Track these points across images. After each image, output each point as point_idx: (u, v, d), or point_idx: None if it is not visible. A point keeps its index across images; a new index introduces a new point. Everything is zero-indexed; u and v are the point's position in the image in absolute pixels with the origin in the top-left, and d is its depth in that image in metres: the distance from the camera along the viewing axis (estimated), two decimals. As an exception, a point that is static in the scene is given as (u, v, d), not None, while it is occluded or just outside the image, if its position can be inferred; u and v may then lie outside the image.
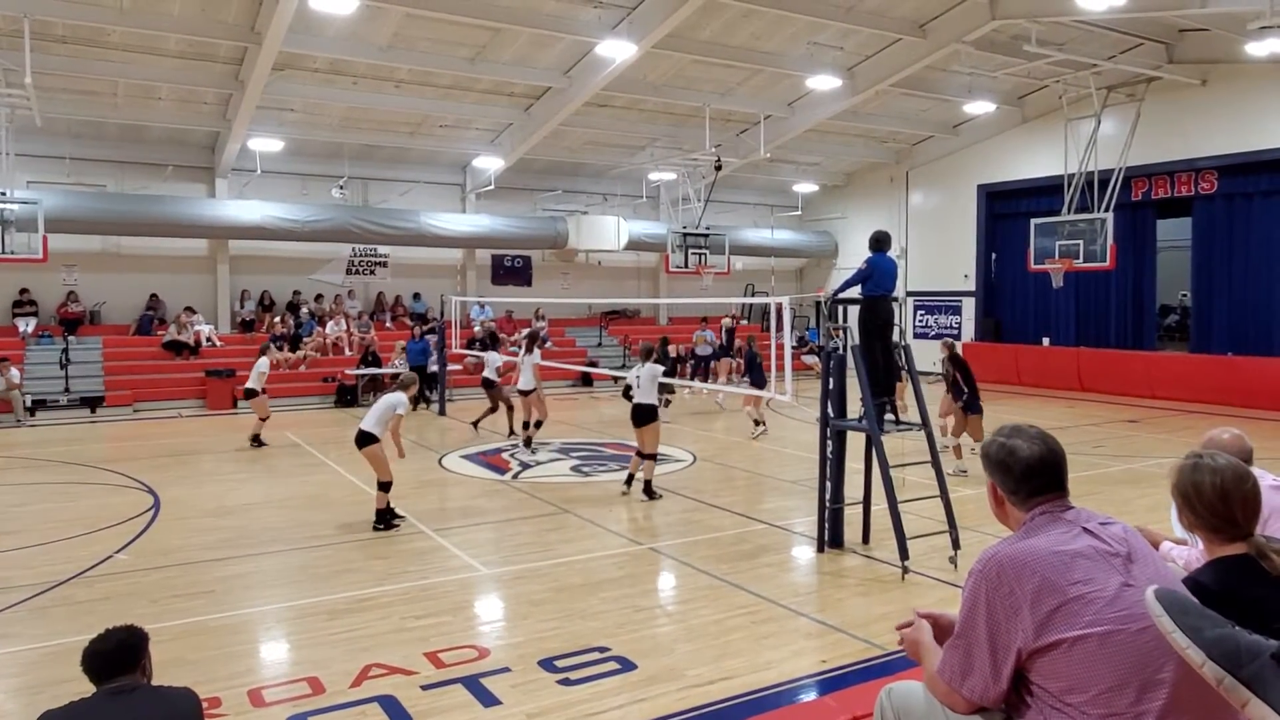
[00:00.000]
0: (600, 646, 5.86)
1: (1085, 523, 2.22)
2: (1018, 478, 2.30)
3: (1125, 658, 2.02)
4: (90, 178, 19.54)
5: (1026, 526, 2.27)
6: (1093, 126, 19.20)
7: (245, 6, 14.73)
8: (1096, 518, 2.26)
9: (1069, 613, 2.06)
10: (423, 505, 10.09)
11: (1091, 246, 18.66)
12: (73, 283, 19.82)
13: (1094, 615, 2.05)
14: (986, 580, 2.17)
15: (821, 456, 8.15)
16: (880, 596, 6.95)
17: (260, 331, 20.79)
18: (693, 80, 19.47)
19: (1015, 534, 2.29)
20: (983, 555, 2.24)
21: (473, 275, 24.21)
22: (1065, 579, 2.09)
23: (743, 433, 14.96)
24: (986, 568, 2.19)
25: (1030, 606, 2.08)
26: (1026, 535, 2.24)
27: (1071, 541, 2.16)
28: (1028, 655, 2.10)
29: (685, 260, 22.55)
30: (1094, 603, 2.06)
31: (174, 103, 18.50)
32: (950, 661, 2.24)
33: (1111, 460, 12.41)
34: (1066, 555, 2.13)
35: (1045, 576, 2.09)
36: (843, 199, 28.03)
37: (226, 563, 7.84)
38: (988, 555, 2.22)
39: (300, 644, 6.06)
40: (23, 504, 10.38)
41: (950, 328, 24.60)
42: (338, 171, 21.48)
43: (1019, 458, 2.30)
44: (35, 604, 6.80)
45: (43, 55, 14.86)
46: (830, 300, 8.35)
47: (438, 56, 17.17)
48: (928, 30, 17.37)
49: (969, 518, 8.84)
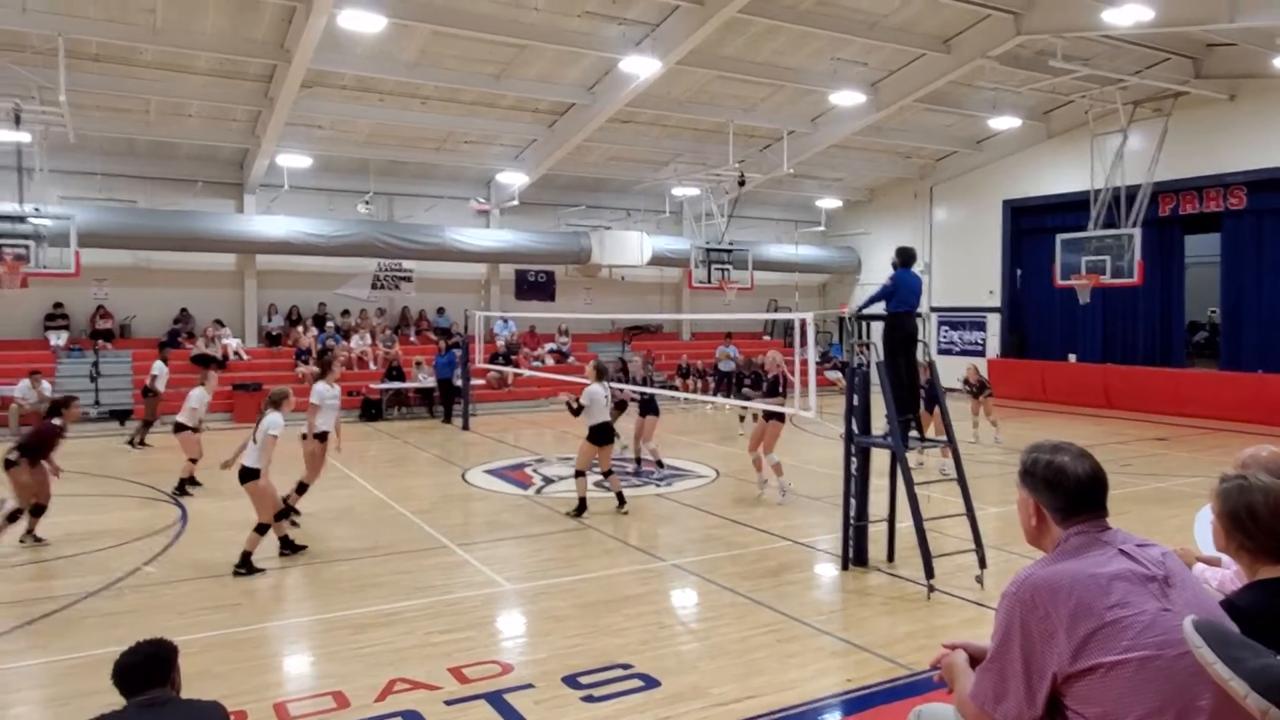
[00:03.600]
0: (624, 663, 5.84)
1: (1122, 544, 2.18)
2: (1067, 496, 2.25)
3: (1163, 684, 1.99)
4: (122, 193, 19.87)
5: (1061, 548, 2.22)
6: (1119, 142, 19.06)
7: (275, 25, 14.97)
8: (1134, 539, 2.22)
9: (1106, 637, 2.02)
10: (446, 520, 10.12)
11: (1119, 262, 18.48)
12: (104, 297, 20.13)
13: (1131, 640, 2.01)
14: (1021, 603, 2.14)
15: (846, 473, 8.10)
16: (906, 615, 6.88)
17: (286, 345, 21.00)
18: (716, 96, 19.53)
19: (1050, 555, 2.25)
20: (1016, 577, 2.20)
21: (496, 290, 24.34)
22: (1102, 602, 2.05)
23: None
24: (1020, 590, 2.15)
25: (1066, 630, 2.05)
26: (1062, 557, 2.20)
27: (1108, 564, 2.13)
28: (1063, 680, 2.07)
29: (708, 276, 22.54)
30: (1131, 627, 2.03)
31: (204, 120, 18.80)
32: (984, 684, 2.21)
33: (1140, 479, 12.24)
34: (1103, 578, 2.09)
35: (1081, 599, 2.06)
36: (866, 214, 27.96)
37: (252, 576, 7.89)
38: (1022, 577, 2.19)
39: (325, 658, 6.08)
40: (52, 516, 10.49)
41: (975, 344, 24.43)
42: (364, 187, 21.70)
43: (1069, 476, 2.25)
44: (65, 615, 6.87)
45: (77, 73, 15.15)
46: (854, 316, 8.32)
47: (463, 73, 17.35)
48: (952, 46, 17.33)
49: (995, 536, 8.75)
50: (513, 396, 21.57)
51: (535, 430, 17.84)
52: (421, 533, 9.47)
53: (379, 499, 11.05)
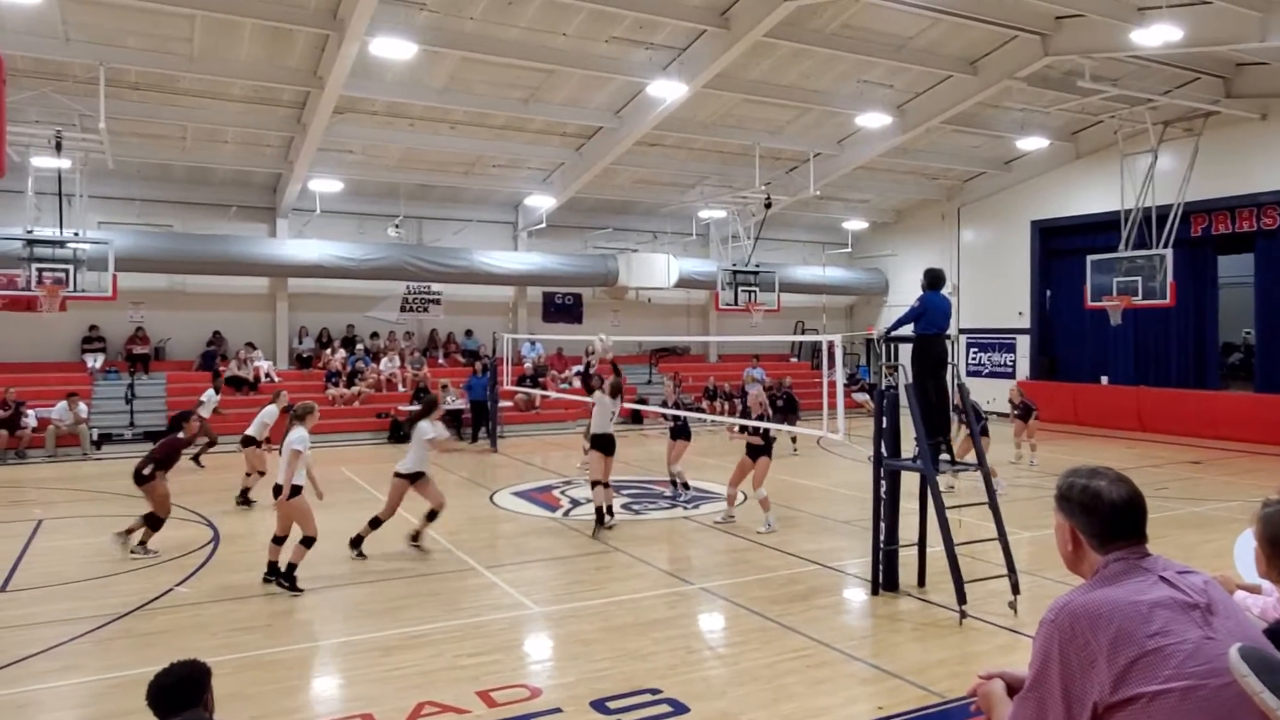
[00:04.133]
0: (652, 688, 5.80)
1: (1163, 571, 2.14)
2: (1103, 521, 2.22)
3: (1207, 714, 1.95)
4: (158, 218, 20.27)
5: (1101, 574, 2.19)
6: (1149, 162, 18.89)
7: (308, 53, 15.26)
8: (1174, 566, 2.18)
9: (1148, 666, 1.99)
10: (474, 542, 10.15)
11: (1150, 283, 18.26)
12: (140, 319, 20.48)
13: (1174, 669, 1.97)
14: (1059, 631, 2.10)
15: (875, 496, 8.04)
16: (938, 642, 6.79)
17: (317, 367, 21.22)
18: (742, 119, 19.62)
19: (1089, 582, 2.21)
20: (1054, 604, 2.17)
21: (524, 313, 24.49)
22: (1143, 630, 2.01)
23: (791, 470, 14.79)
24: (1059, 618, 2.12)
25: (1107, 659, 2.01)
26: (1101, 583, 2.16)
27: (1149, 591, 2.09)
28: (1103, 710, 2.03)
29: (735, 298, 22.54)
30: (1174, 656, 1.99)
31: (239, 145, 19.17)
32: (1022, 714, 2.17)
33: (1175, 503, 12.03)
34: (1144, 605, 2.05)
35: (1122, 627, 2.02)
36: (893, 236, 27.86)
37: (283, 597, 7.95)
38: (1060, 604, 2.15)
39: (354, 680, 6.10)
40: (87, 536, 10.66)
41: (1004, 366, 24.19)
42: (394, 211, 21.98)
43: (1105, 500, 2.22)
44: (99, 635, 6.96)
45: (116, 101, 15.52)
46: (882, 339, 8.28)
47: (492, 98, 17.57)
48: (979, 67, 17.31)
49: (1029, 561, 8.62)
50: (540, 419, 21.63)
51: (563, 452, 17.86)
52: (449, 555, 9.50)
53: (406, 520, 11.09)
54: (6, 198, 17.66)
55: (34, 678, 6.09)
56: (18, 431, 16.84)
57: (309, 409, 8.46)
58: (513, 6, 14.32)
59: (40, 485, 14.18)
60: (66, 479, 14.67)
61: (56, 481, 14.45)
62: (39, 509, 12.20)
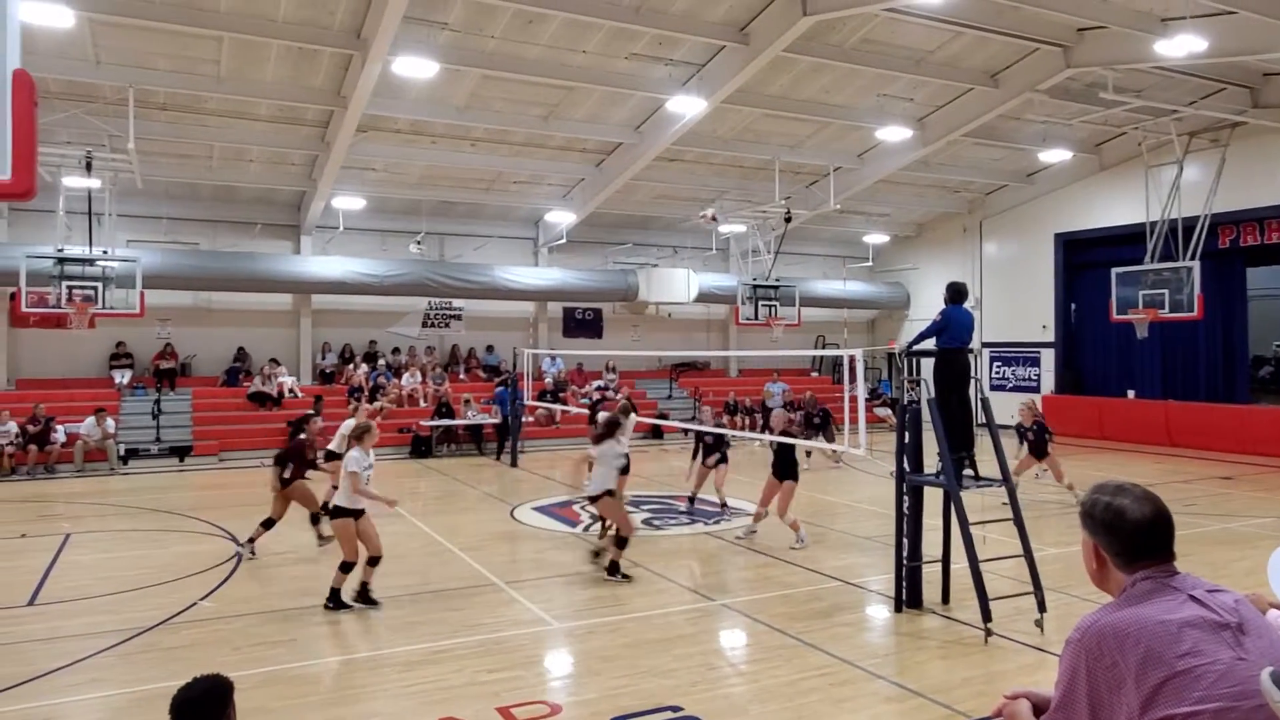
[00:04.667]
0: (673, 706, 5.76)
1: (1192, 590, 2.10)
2: (1126, 540, 2.18)
3: (1239, 738, 1.91)
4: (185, 236, 20.55)
5: (1128, 593, 2.14)
6: (1175, 173, 18.71)
7: (332, 73, 15.46)
8: (1204, 585, 2.13)
9: (1178, 687, 1.94)
10: (494, 557, 10.15)
11: (1177, 296, 18.05)
12: (166, 336, 20.74)
13: (1205, 691, 1.93)
14: (1086, 650, 2.06)
15: (898, 512, 7.96)
16: (962, 660, 6.71)
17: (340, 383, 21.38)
18: (762, 134, 19.64)
19: (1116, 601, 2.17)
20: (1081, 623, 2.13)
21: (544, 328, 24.57)
22: (1173, 651, 1.97)
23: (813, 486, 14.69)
24: (1086, 637, 2.08)
25: (1135, 680, 1.97)
26: (1129, 602, 2.12)
27: (1178, 610, 2.05)
28: (1132, 731, 1.99)
29: (755, 312, 22.49)
30: (1204, 677, 1.94)
31: (264, 164, 19.43)
32: (1049, 735, 2.13)
33: (1205, 520, 11.83)
34: (1173, 625, 2.01)
35: (1151, 647, 1.98)
36: (914, 249, 27.74)
37: (305, 612, 7.98)
38: (1087, 624, 2.11)
39: (375, 695, 6.11)
40: (113, 551, 10.77)
41: (1029, 380, 23.97)
42: (415, 227, 22.17)
43: (1128, 519, 2.17)
44: (123, 649, 7.01)
45: (145, 122, 15.77)
46: (904, 353, 8.23)
47: (512, 115, 17.71)
48: (1000, 80, 17.25)
49: (1055, 579, 8.50)
50: (560, 434, 21.64)
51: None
52: (470, 570, 9.51)
53: (428, 535, 11.13)
54: (38, 217, 18.00)
55: (60, 691, 6.15)
56: (47, 446, 17.06)
57: (366, 428, 8.48)
58: (533, 25, 14.44)
59: (68, 500, 14.35)
60: (94, 493, 14.84)
61: (84, 496, 14.62)
62: (67, 523, 12.34)
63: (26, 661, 6.66)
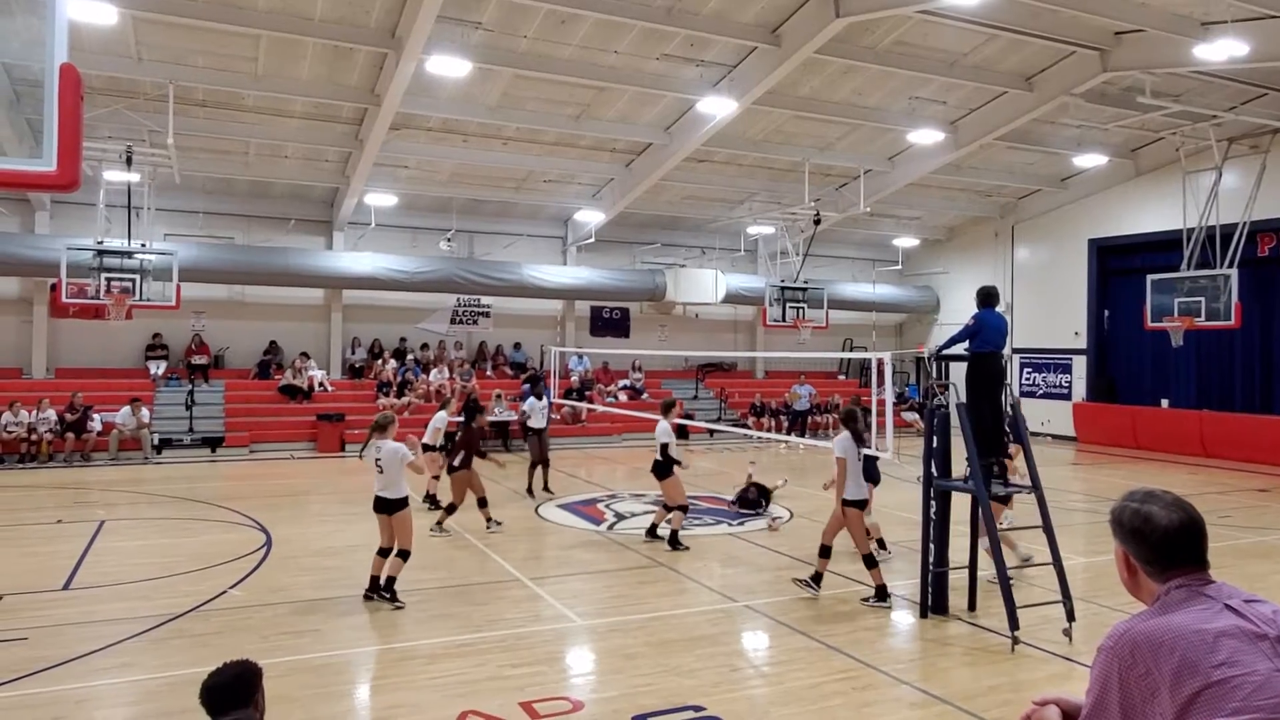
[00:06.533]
0: (695, 705, 5.77)
1: (1229, 599, 2.05)
2: (1154, 547, 2.14)
3: (1275, 749, 1.87)
4: (221, 230, 20.86)
5: (1162, 601, 2.10)
6: (1213, 179, 18.40)
7: (367, 71, 15.62)
8: (1240, 594, 2.09)
9: (1213, 698, 1.90)
10: (518, 554, 10.21)
11: (1214, 304, 17.76)
12: (200, 328, 21.05)
13: (1241, 702, 1.89)
14: (1119, 659, 2.03)
15: (925, 518, 7.91)
16: (988, 668, 6.65)
17: (368, 377, 21.57)
18: (792, 135, 19.57)
19: (1150, 609, 2.13)
20: (1114, 631, 2.10)
21: (572, 326, 24.64)
22: (1208, 660, 1.93)
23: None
24: (1119, 645, 2.04)
25: (1170, 689, 1.93)
26: (1163, 611, 2.08)
27: (1214, 619, 2.00)
28: (1166, 742, 1.95)
29: (783, 314, 22.42)
30: (1241, 688, 1.90)
31: (299, 161, 19.66)
32: (1080, 744, 2.11)
33: (1241, 532, 11.63)
34: (1209, 634, 1.97)
35: (1185, 656, 1.94)
36: (945, 254, 27.50)
37: (332, 603, 8.07)
38: (1120, 631, 2.08)
39: (400, 687, 6.16)
40: (146, 538, 10.96)
41: (1060, 387, 23.69)
42: (446, 225, 22.33)
43: (1156, 526, 2.14)
44: (155, 635, 7.13)
45: (184, 118, 16.04)
46: (934, 356, 8.18)
47: (544, 115, 17.79)
48: (1035, 83, 17.05)
49: (1084, 588, 8.41)
50: (586, 432, 21.70)
51: (608, 466, 17.90)
52: (494, 565, 9.57)
53: (453, 531, 11.19)
54: (79, 210, 18.35)
55: (93, 674, 6.27)
56: (84, 435, 17.38)
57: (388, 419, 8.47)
58: (565, 25, 14.50)
59: (103, 487, 14.61)
60: (128, 482, 15.09)
61: (119, 484, 14.88)
62: (102, 510, 12.56)
63: (61, 644, 6.79)
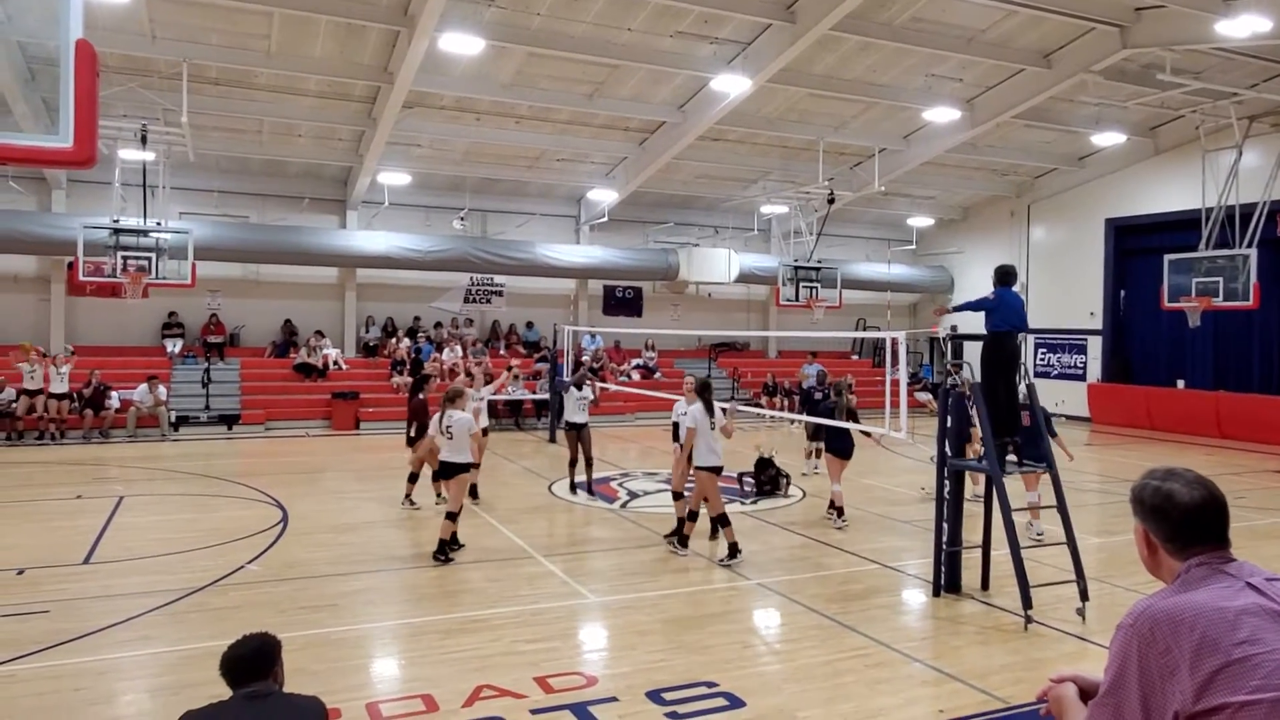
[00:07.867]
0: (708, 681, 5.81)
1: (1250, 577, 2.04)
2: (1175, 525, 2.13)
3: (1297, 727, 1.87)
4: (235, 209, 20.92)
5: (1182, 579, 2.09)
6: (1233, 158, 18.16)
7: (380, 49, 15.57)
8: (1262, 573, 2.08)
9: (1233, 676, 1.90)
10: (532, 531, 10.27)
11: (1232, 284, 17.60)
12: (216, 307, 21.16)
13: (1262, 680, 1.88)
14: (1139, 636, 2.02)
15: (938, 497, 7.91)
16: (1001, 647, 6.66)
17: (382, 355, 21.67)
18: (806, 114, 19.42)
19: (1170, 587, 2.12)
20: (1134, 608, 2.09)
21: (585, 305, 24.64)
22: (1229, 638, 1.92)
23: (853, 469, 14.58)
24: (1139, 622, 2.04)
25: (1189, 667, 1.93)
26: (1183, 588, 2.07)
27: (1235, 598, 2.00)
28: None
29: (796, 294, 22.35)
30: (1262, 666, 1.90)
31: (312, 139, 19.66)
32: (1098, 721, 2.10)
33: (1257, 514, 11.57)
34: (1230, 612, 1.96)
35: (1206, 634, 1.94)
36: (960, 233, 27.31)
37: (348, 578, 8.16)
38: (1140, 609, 2.07)
39: (415, 661, 6.23)
40: (165, 514, 11.09)
41: (1075, 367, 23.55)
42: (459, 204, 22.32)
43: (1177, 503, 2.13)
44: (174, 609, 7.22)
45: (198, 96, 16.04)
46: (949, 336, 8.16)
47: (557, 93, 17.70)
48: (1053, 60, 16.84)
49: (1098, 568, 8.40)
50: (598, 411, 21.65)
51: (621, 445, 17.96)
52: (508, 542, 9.63)
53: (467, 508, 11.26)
54: (95, 189, 18.44)
55: (113, 646, 6.36)
56: (102, 412, 17.55)
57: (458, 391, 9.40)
58: (579, 2, 14.40)
59: (122, 464, 14.77)
60: (146, 458, 15.25)
61: (137, 460, 15.03)
62: (120, 486, 12.70)
63: (82, 618, 6.89)
